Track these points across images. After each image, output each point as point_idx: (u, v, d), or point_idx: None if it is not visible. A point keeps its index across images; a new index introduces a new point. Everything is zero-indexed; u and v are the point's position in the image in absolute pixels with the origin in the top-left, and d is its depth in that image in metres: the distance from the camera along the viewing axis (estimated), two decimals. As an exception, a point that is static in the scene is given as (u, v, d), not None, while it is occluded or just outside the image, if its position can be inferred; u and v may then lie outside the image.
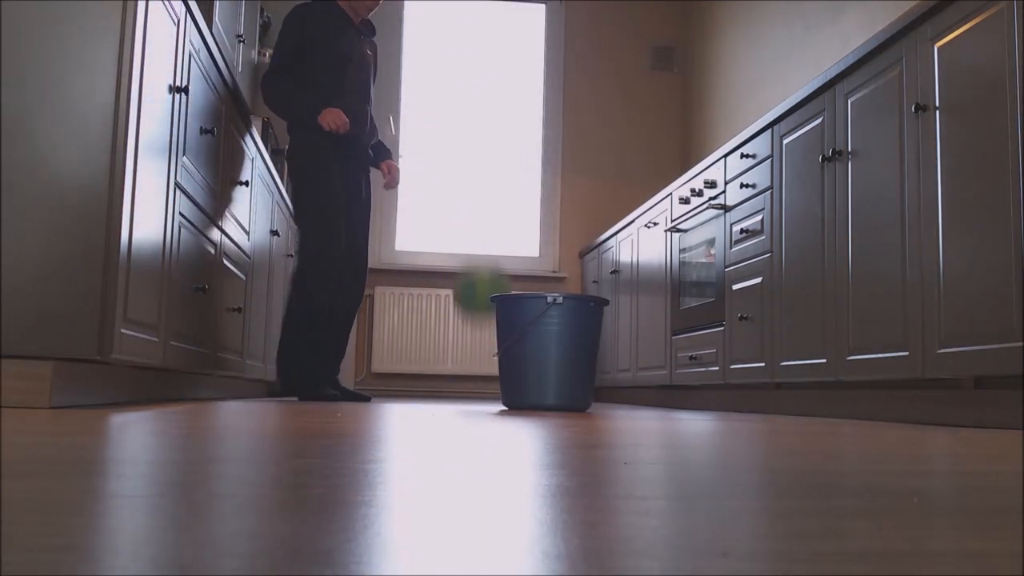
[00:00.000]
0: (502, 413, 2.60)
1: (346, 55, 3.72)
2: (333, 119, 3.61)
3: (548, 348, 3.09)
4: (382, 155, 4.12)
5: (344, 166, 3.80)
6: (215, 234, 2.90)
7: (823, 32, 4.16)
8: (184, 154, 2.43)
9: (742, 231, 3.36)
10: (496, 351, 3.27)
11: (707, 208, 3.66)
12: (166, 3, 2.20)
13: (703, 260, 3.76)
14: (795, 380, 2.91)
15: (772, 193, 3.14)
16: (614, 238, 5.13)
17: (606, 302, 3.23)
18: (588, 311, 3.15)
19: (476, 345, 5.62)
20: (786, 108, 3.01)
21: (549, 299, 3.11)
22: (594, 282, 5.50)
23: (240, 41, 4.02)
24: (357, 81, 3.78)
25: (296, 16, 3.68)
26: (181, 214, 2.44)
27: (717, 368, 3.57)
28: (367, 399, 3.69)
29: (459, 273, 3.77)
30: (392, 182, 4.07)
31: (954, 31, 2.17)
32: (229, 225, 3.10)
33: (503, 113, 6.08)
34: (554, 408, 3.07)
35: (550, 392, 3.09)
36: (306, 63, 3.68)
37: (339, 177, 3.70)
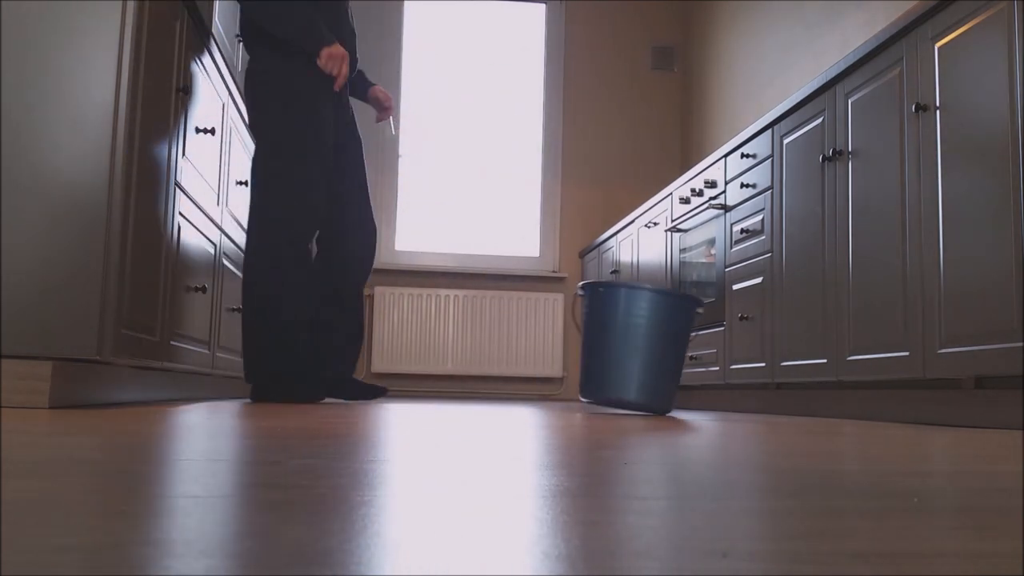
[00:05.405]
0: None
1: None
2: (339, 60, 2.86)
3: (635, 342, 2.89)
4: (363, 85, 3.32)
5: (334, 114, 3.02)
6: (215, 234, 2.90)
7: (823, 32, 4.16)
8: (184, 154, 2.43)
9: (742, 231, 3.36)
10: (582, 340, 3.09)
11: (707, 208, 3.66)
12: (166, 3, 2.20)
13: (703, 260, 3.76)
14: (795, 380, 2.91)
15: (772, 193, 3.14)
16: (614, 238, 5.13)
17: (700, 302, 3.00)
18: (680, 308, 2.94)
19: (476, 345, 5.62)
20: (786, 108, 3.01)
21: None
22: (594, 282, 5.50)
23: (240, 41, 4.02)
24: (348, 18, 3.07)
25: None
26: (181, 214, 2.44)
27: (717, 368, 3.57)
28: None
29: None
30: (388, 110, 3.29)
31: (954, 31, 2.17)
32: (229, 225, 3.09)
33: (503, 113, 6.08)
34: (634, 406, 2.89)
35: (632, 388, 2.89)
36: None
37: (331, 126, 2.94)
